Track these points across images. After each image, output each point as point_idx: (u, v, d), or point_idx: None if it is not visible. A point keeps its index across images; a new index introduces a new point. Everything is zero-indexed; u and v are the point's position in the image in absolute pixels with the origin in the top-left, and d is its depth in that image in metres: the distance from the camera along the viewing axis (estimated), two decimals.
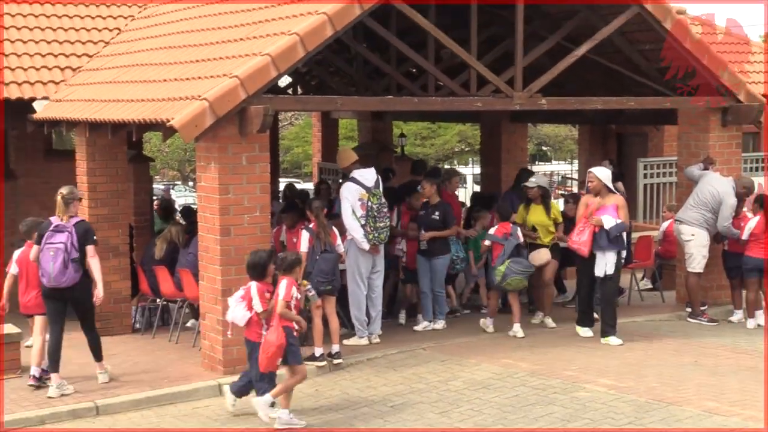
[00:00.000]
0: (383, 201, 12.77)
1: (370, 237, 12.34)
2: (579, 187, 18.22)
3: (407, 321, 14.00)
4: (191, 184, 40.96)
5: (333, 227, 12.15)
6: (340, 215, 12.70)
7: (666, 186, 18.02)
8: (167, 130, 11.05)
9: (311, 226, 11.90)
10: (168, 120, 10.89)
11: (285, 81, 19.01)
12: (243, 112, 11.07)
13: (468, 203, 17.33)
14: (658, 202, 18.07)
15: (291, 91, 19.84)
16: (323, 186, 17.50)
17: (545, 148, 49.03)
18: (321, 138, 24.44)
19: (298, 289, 9.88)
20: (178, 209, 17.57)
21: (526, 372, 11.27)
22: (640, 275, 16.18)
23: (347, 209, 12.44)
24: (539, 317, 13.71)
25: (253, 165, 11.35)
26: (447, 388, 10.77)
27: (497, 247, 13.08)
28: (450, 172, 16.41)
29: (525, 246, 13.35)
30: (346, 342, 12.34)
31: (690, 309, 13.95)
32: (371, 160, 16.61)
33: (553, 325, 13.48)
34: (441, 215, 13.40)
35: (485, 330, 13.32)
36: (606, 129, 20.37)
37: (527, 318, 13.63)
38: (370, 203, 12.47)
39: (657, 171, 18.28)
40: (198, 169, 11.86)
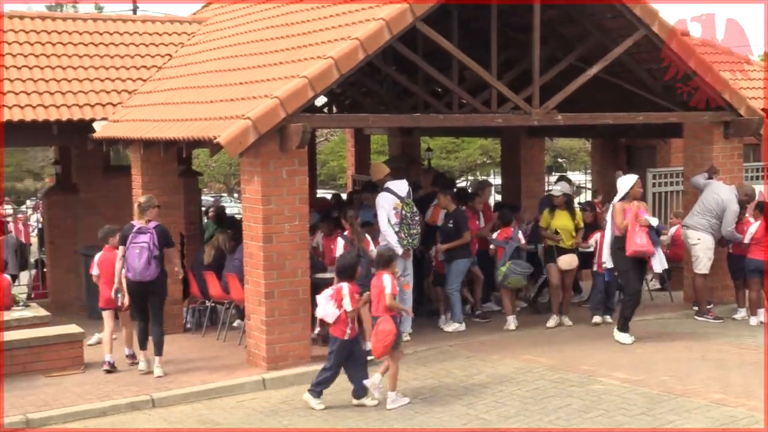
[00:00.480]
0: (415, 209, 12.79)
1: (404, 242, 12.35)
2: (593, 196, 18.09)
3: (431, 319, 13.93)
4: (236, 195, 41.08)
5: (366, 234, 12.17)
6: (372, 223, 12.70)
7: (673, 194, 17.88)
8: (214, 146, 11.13)
9: (346, 233, 11.91)
10: (215, 137, 10.96)
11: (321, 101, 19.03)
12: (283, 129, 11.11)
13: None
14: (666, 209, 17.94)
15: (327, 110, 19.87)
16: (356, 196, 17.50)
17: (561, 160, 48.80)
18: (354, 152, 24.45)
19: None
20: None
21: (545, 367, 11.23)
22: (649, 277, 16.07)
23: (383, 217, 12.44)
24: (554, 320, 13.48)
25: (293, 178, 11.37)
26: (472, 382, 10.75)
27: (500, 250, 13.32)
28: (483, 183, 16.37)
29: (525, 248, 13.55)
30: None
31: (697, 308, 13.90)
32: (401, 172, 16.56)
33: (570, 323, 13.44)
34: (454, 223, 13.40)
35: (508, 328, 13.30)
36: (617, 142, 20.26)
37: (544, 322, 13.54)
38: (403, 211, 12.49)
39: (665, 180, 18.14)
40: (242, 182, 11.91)
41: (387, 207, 12.47)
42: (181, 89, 14.31)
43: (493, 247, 13.51)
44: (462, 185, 35.91)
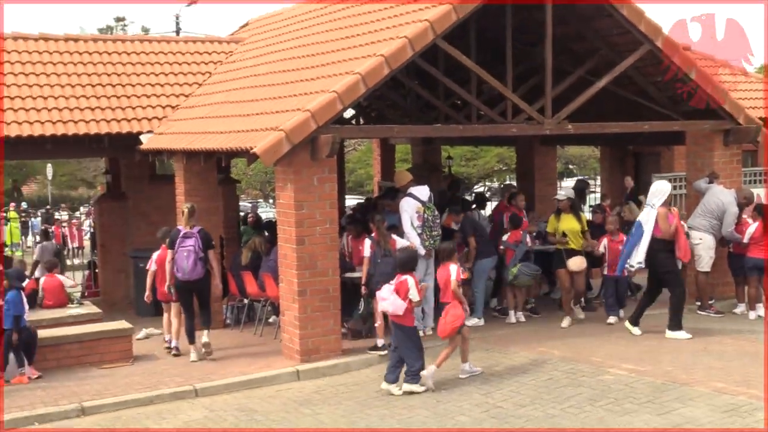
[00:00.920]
0: (436, 213, 12.79)
1: (426, 244, 12.33)
2: (602, 200, 18.00)
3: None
4: (271, 201, 41.18)
5: (392, 235, 12.16)
6: (397, 226, 12.68)
7: (677, 198, 17.75)
8: (251, 156, 11.17)
9: (373, 235, 11.93)
10: (251, 148, 11.00)
11: (349, 113, 19.06)
12: (314, 140, 11.14)
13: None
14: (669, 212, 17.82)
15: (354, 122, 19.89)
16: (381, 202, 17.49)
17: (571, 166, 48.61)
18: (380, 161, 24.46)
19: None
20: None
21: (558, 358, 11.19)
22: None
23: (407, 220, 12.45)
24: (567, 321, 13.14)
25: (323, 185, 11.40)
26: (491, 372, 10.72)
27: (510, 252, 13.33)
28: (508, 186, 16.36)
29: (533, 251, 13.56)
30: None
31: (699, 303, 13.81)
32: (423, 179, 16.58)
33: (582, 316, 13.40)
34: (460, 229, 13.50)
35: (509, 321, 13.41)
36: (624, 149, 20.18)
37: (558, 322, 13.42)
38: (425, 215, 12.49)
39: (671, 185, 18.04)
40: (277, 189, 11.95)
41: (410, 211, 12.48)
42: (220, 104, 14.38)
43: (504, 248, 13.46)
44: (479, 190, 35.90)
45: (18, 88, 14.99)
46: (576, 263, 12.98)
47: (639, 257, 12.21)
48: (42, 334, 11.76)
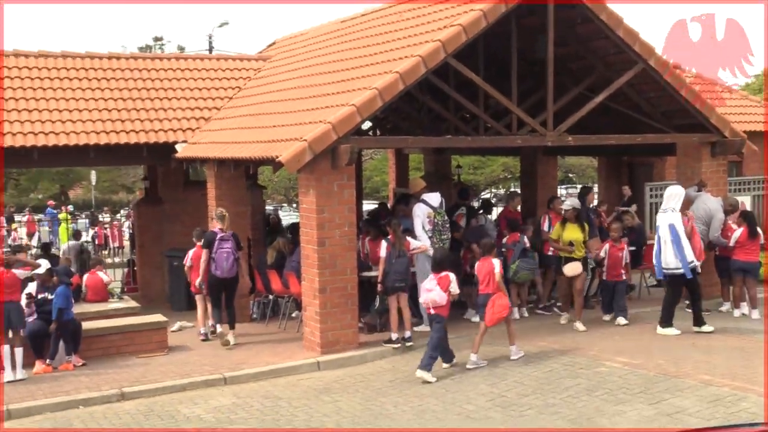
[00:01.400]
0: (446, 218, 12.78)
1: (436, 246, 12.32)
2: (598, 205, 17.90)
3: (458, 311, 13.83)
4: (294, 206, 41.23)
5: (407, 238, 12.16)
6: (411, 229, 12.67)
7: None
8: (276, 164, 11.21)
9: (389, 237, 11.94)
10: (277, 157, 11.04)
11: (367, 125, 19.08)
12: (334, 149, 11.16)
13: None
14: None
15: (371, 133, 19.91)
16: (398, 206, 17.48)
17: (571, 174, 48.39)
18: (395, 169, 24.43)
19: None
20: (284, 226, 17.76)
21: (557, 352, 11.18)
22: (647, 274, 15.89)
23: (418, 224, 12.45)
24: (566, 318, 12.98)
25: (342, 191, 11.42)
26: (495, 364, 10.72)
27: (510, 252, 13.36)
28: (513, 194, 16.32)
29: (531, 249, 13.50)
30: (415, 329, 12.31)
31: (688, 301, 13.67)
32: (435, 186, 16.55)
33: (584, 329, 12.40)
34: (465, 238, 13.63)
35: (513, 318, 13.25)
36: (619, 159, 20.11)
37: (556, 319, 13.34)
38: (436, 219, 12.50)
39: (661, 192, 17.91)
40: (300, 194, 11.98)
41: (422, 216, 12.50)
42: (249, 116, 14.43)
43: (505, 249, 13.42)
44: (486, 196, 35.80)
45: (66, 101, 15.09)
46: (570, 269, 12.61)
47: (690, 255, 11.89)
48: (86, 325, 11.83)
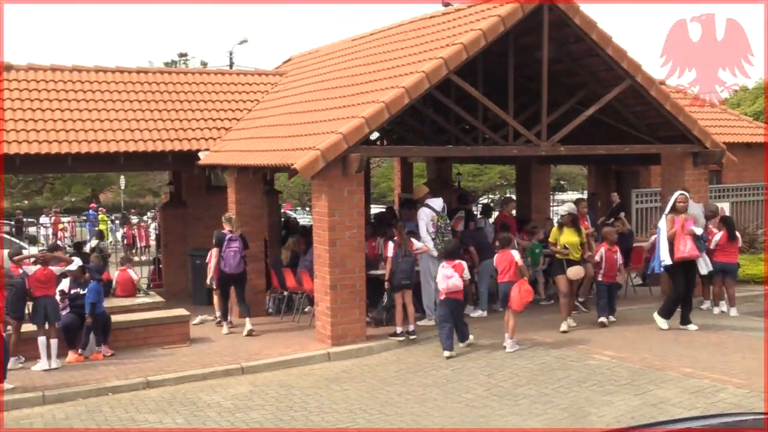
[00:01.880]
0: (448, 221, 12.76)
1: (438, 247, 12.29)
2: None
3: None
4: (307, 209, 41.25)
5: (412, 239, 12.13)
6: (415, 232, 12.63)
7: (653, 210, 17.65)
8: (291, 171, 11.21)
9: (395, 238, 11.92)
10: (292, 164, 11.04)
11: (374, 135, 19.07)
12: (345, 158, 11.15)
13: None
14: (647, 222, 17.69)
15: (379, 143, 19.90)
16: (403, 210, 17.45)
17: (562, 182, 48.32)
18: (400, 176, 24.40)
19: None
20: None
21: (550, 346, 11.12)
22: (633, 275, 15.86)
23: (423, 227, 12.43)
24: (566, 325, 12.11)
25: (352, 196, 11.40)
26: (492, 357, 10.68)
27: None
28: (507, 199, 16.24)
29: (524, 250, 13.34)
30: (419, 323, 12.29)
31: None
32: (436, 192, 16.52)
33: (574, 324, 12.16)
34: (462, 242, 13.49)
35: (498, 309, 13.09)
36: (608, 168, 20.05)
37: (548, 315, 13.27)
38: (439, 223, 12.47)
39: (646, 199, 17.90)
40: (313, 199, 11.97)
41: (425, 219, 12.47)
42: (266, 126, 14.43)
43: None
44: (485, 201, 35.75)
45: (98, 112, 15.13)
46: (575, 272, 12.20)
47: (663, 255, 11.77)
48: (115, 318, 11.84)
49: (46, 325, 10.85)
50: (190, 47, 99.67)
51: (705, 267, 11.87)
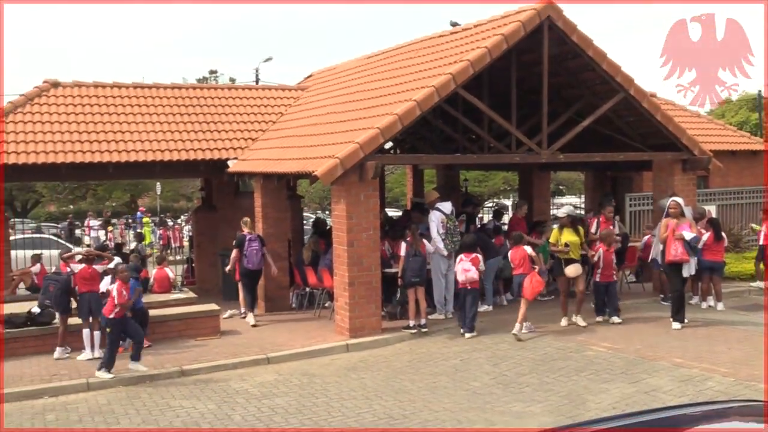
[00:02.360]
0: (457, 223, 12.75)
1: (448, 247, 12.30)
2: (586, 213, 17.77)
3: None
4: (327, 212, 41.30)
5: (423, 239, 12.12)
6: (423, 233, 12.62)
7: (645, 213, 17.55)
8: (312, 177, 11.23)
9: (408, 239, 11.91)
10: (313, 171, 11.06)
11: (389, 145, 19.06)
12: (362, 165, 11.16)
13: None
14: (639, 223, 17.60)
15: (393, 151, 19.91)
16: (414, 213, 17.43)
17: (561, 187, 48.14)
18: (412, 182, 24.38)
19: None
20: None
21: (551, 338, 11.10)
22: (627, 272, 15.78)
23: (434, 229, 12.42)
24: (565, 321, 11.95)
25: (368, 200, 11.41)
26: (497, 348, 10.66)
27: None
28: (520, 203, 16.24)
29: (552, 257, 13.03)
30: (430, 317, 12.28)
31: (662, 295, 13.60)
32: (445, 197, 16.50)
33: (584, 324, 11.70)
34: None
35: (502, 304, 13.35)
36: (604, 174, 19.95)
37: (548, 309, 13.20)
38: (448, 225, 12.45)
39: (639, 202, 17.81)
40: (332, 203, 11.99)
41: (436, 221, 12.46)
42: (290, 137, 14.47)
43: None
44: (490, 205, 35.66)
45: (136, 124, 15.22)
46: (572, 270, 11.99)
47: (655, 252, 11.92)
48: (152, 312, 11.88)
49: (90, 318, 10.92)
50: (219, 65, 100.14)
51: (687, 271, 11.63)
